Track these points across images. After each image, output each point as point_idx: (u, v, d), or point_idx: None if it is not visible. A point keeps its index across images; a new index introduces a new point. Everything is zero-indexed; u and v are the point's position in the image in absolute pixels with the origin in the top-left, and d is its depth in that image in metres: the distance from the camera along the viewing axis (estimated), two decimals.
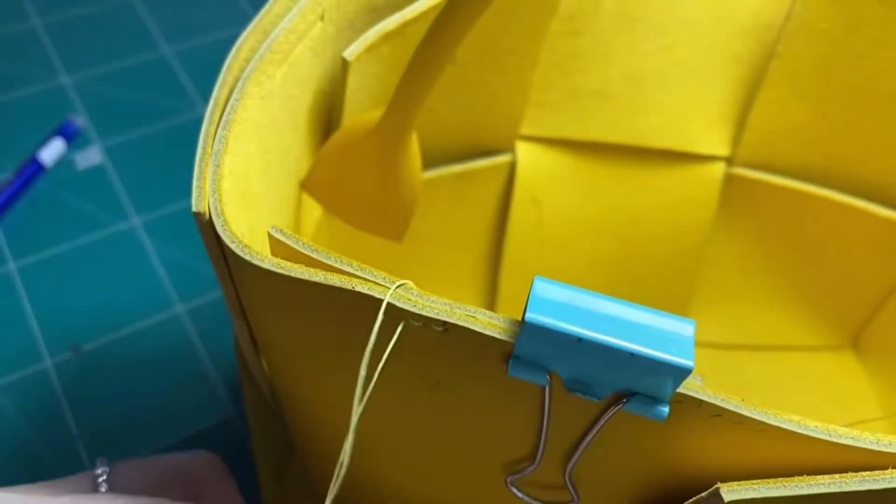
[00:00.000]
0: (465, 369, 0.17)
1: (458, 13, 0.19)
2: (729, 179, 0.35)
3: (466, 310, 0.16)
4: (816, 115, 0.33)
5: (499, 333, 0.15)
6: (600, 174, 0.35)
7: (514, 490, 0.19)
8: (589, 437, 0.17)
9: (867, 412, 0.36)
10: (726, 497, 0.15)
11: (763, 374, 0.38)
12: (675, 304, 0.38)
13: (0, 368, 0.37)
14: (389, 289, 0.16)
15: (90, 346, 0.38)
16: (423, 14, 0.26)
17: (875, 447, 0.16)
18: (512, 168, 0.35)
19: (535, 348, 0.15)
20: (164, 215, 0.43)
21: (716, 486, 0.16)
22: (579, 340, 0.14)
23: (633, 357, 0.14)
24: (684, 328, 0.14)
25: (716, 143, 0.35)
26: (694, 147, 0.35)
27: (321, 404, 0.21)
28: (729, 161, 0.35)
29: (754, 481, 0.16)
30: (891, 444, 0.16)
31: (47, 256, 0.41)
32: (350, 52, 0.24)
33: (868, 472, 0.16)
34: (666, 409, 0.15)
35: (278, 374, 0.22)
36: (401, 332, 0.16)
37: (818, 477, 0.16)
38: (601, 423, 0.16)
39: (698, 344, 0.38)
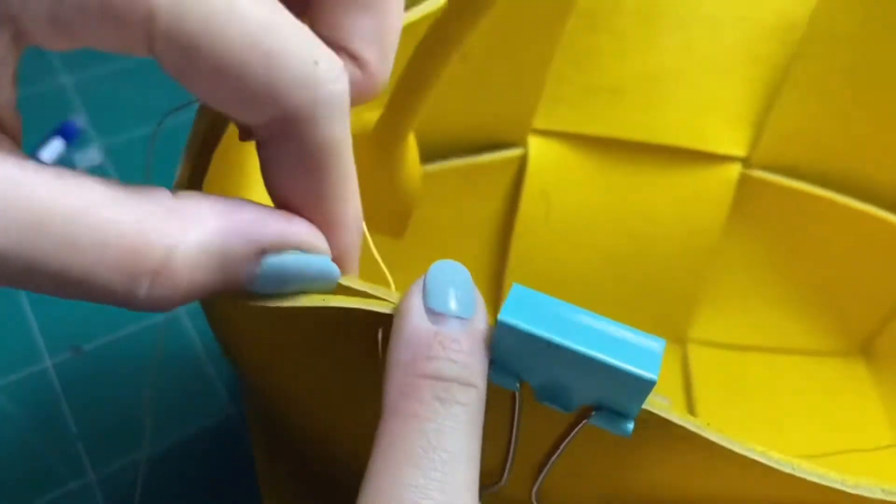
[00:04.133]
0: None
1: (456, 20, 0.19)
2: (744, 181, 0.35)
3: None
4: (838, 119, 0.33)
5: None
6: (612, 170, 0.35)
7: None
8: (557, 453, 0.17)
9: (872, 420, 0.36)
10: None
11: (769, 376, 0.37)
12: (683, 302, 0.37)
13: (0, 368, 0.37)
14: (376, 298, 0.16)
15: (90, 346, 0.38)
16: (427, 17, 0.25)
17: (839, 486, 0.15)
18: (523, 161, 0.34)
19: (507, 353, 0.15)
20: None
21: None
22: (549, 345, 0.14)
23: (599, 365, 0.14)
24: (654, 345, 0.15)
25: (733, 143, 0.34)
26: (709, 146, 0.34)
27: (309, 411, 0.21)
28: (745, 162, 0.35)
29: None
30: (856, 486, 0.15)
31: None
32: None
33: None
34: (630, 426, 0.15)
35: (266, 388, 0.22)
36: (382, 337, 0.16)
37: None
38: (569, 437, 0.16)
39: (704, 343, 0.38)
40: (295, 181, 0.16)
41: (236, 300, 0.16)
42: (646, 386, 0.14)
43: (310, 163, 0.15)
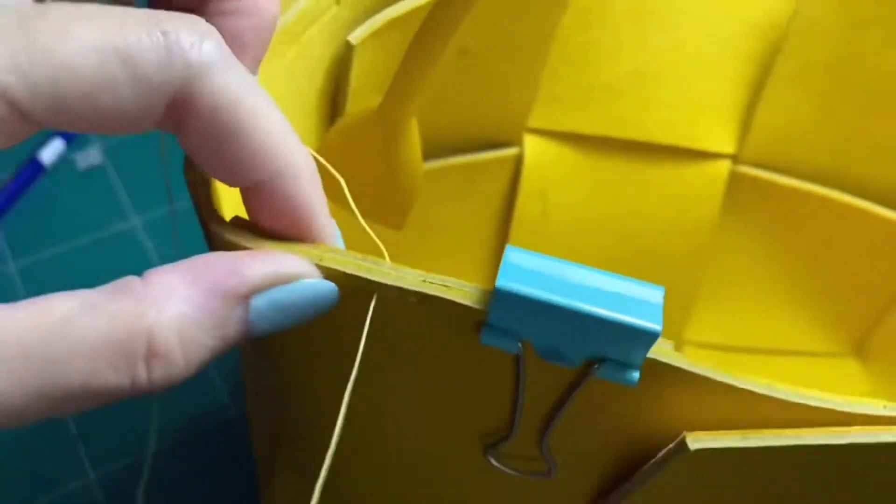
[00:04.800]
0: (439, 341, 0.17)
1: (451, 3, 0.19)
2: (734, 177, 0.35)
3: (440, 280, 0.16)
4: (823, 114, 0.33)
5: (471, 302, 0.15)
6: (606, 169, 0.35)
7: (493, 461, 0.19)
8: (563, 407, 0.17)
9: None
10: (692, 446, 0.16)
11: (764, 378, 0.38)
12: (678, 303, 0.37)
13: None
14: (360, 263, 0.16)
15: None
16: (432, 2, 0.26)
17: (843, 408, 0.16)
18: (519, 161, 0.34)
19: (506, 316, 0.15)
20: (164, 215, 0.43)
21: (681, 435, 0.16)
22: (549, 307, 0.14)
23: (602, 322, 0.14)
24: (653, 294, 0.15)
25: (722, 140, 0.35)
26: (700, 144, 0.35)
27: (298, 385, 0.21)
28: (734, 159, 0.35)
29: (720, 432, 0.16)
30: (860, 405, 0.16)
31: (47, 256, 0.41)
32: (355, 36, 0.24)
33: (834, 428, 0.16)
34: (636, 374, 0.15)
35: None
36: (374, 306, 0.16)
37: (784, 430, 0.16)
38: (575, 391, 0.16)
39: (700, 345, 0.38)
40: (222, 152, 0.15)
41: None
42: (650, 337, 0.14)
43: (223, 124, 0.15)
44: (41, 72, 0.13)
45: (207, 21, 0.15)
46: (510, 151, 0.34)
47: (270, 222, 0.16)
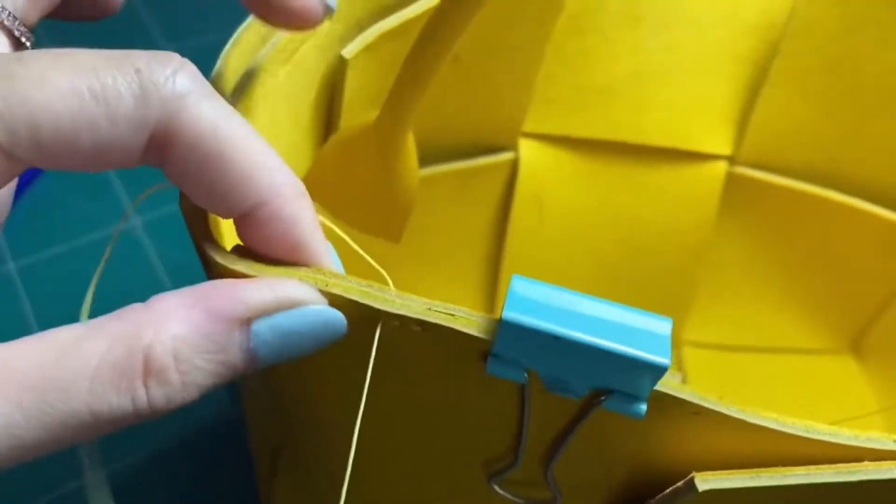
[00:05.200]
0: (444, 369, 0.17)
1: (452, 12, 0.19)
2: (731, 179, 0.35)
3: (445, 308, 0.16)
4: (820, 115, 0.33)
5: (477, 331, 0.15)
6: (603, 173, 0.35)
7: (497, 489, 0.19)
8: (569, 438, 0.17)
9: (865, 411, 0.36)
10: (700, 486, 0.16)
11: (763, 376, 0.38)
12: (676, 304, 0.38)
13: None
14: (361, 289, 0.16)
15: None
16: (423, 14, 0.25)
17: (852, 442, 0.16)
18: (514, 166, 0.34)
19: (513, 346, 0.15)
20: (164, 215, 0.43)
21: (691, 475, 0.16)
22: (556, 339, 0.14)
23: (610, 355, 0.14)
24: (661, 326, 0.15)
25: (718, 141, 0.35)
26: (696, 146, 0.35)
27: (305, 410, 0.21)
28: (731, 160, 0.35)
29: (729, 471, 0.16)
30: (868, 440, 0.16)
31: (47, 256, 0.41)
32: (349, 51, 0.24)
33: (843, 465, 0.16)
34: (644, 407, 0.15)
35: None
36: (380, 333, 0.16)
37: (793, 468, 0.16)
38: (581, 422, 0.16)
39: (698, 345, 0.38)
40: (207, 182, 0.15)
41: None
42: (658, 371, 0.14)
43: (204, 154, 0.15)
44: (21, 115, 0.14)
45: None
46: (506, 156, 0.34)
47: (266, 250, 0.16)
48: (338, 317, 0.16)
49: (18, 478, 0.34)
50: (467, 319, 0.15)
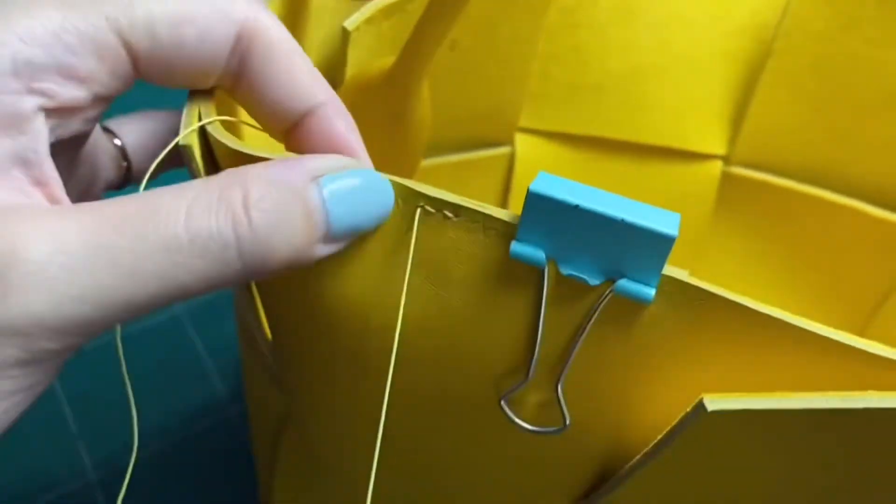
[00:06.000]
0: (471, 260, 0.17)
1: None
2: (726, 178, 0.36)
3: (476, 203, 0.17)
4: (812, 114, 0.34)
5: (505, 217, 0.16)
6: (598, 170, 0.36)
7: (508, 411, 0.19)
8: (581, 337, 0.17)
9: None
10: (710, 407, 0.15)
11: None
12: None
13: None
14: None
15: (90, 346, 0.38)
16: None
17: (886, 354, 0.15)
18: (511, 159, 0.35)
19: (535, 226, 0.16)
20: None
21: (700, 397, 0.16)
22: (576, 211, 0.15)
23: (623, 227, 0.15)
24: (672, 214, 0.16)
25: (713, 141, 0.35)
26: (691, 145, 0.35)
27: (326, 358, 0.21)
28: (726, 160, 0.35)
29: (741, 393, 0.16)
30: (877, 347, 0.15)
31: None
32: (350, 22, 0.25)
33: (875, 392, 0.15)
34: (652, 291, 0.16)
35: (282, 333, 0.22)
36: (418, 221, 0.17)
37: (802, 393, 0.15)
38: (593, 315, 0.17)
39: None
40: (280, 81, 0.18)
41: None
42: (666, 243, 0.15)
43: (280, 55, 0.17)
44: (141, 8, 0.16)
45: None
46: (502, 150, 0.34)
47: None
48: (387, 185, 0.17)
49: (19, 477, 0.34)
50: (496, 208, 0.17)
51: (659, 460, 0.17)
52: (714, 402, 0.15)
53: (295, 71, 0.18)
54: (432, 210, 0.17)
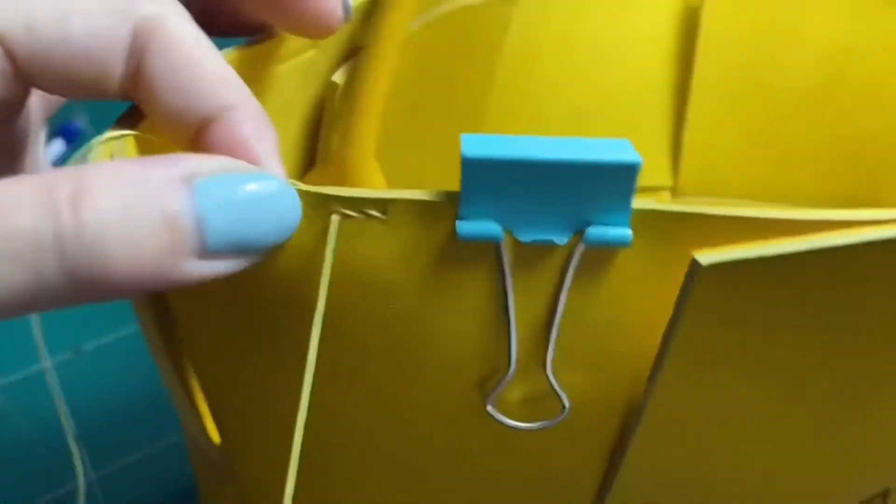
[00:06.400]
0: (410, 260, 0.15)
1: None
2: None
3: (400, 192, 0.15)
4: (745, 128, 0.35)
5: (439, 197, 0.14)
6: None
7: (496, 414, 0.17)
8: (559, 306, 0.15)
9: None
10: (703, 261, 0.14)
11: None
12: None
13: (0, 368, 0.37)
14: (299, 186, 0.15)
15: (90, 346, 0.38)
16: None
17: (854, 217, 0.14)
18: None
19: (480, 195, 0.14)
20: None
21: (692, 257, 0.14)
22: (521, 166, 0.13)
23: (578, 169, 0.13)
24: (622, 142, 0.14)
25: (658, 172, 0.36)
26: (639, 180, 0.35)
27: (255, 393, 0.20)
28: (673, 191, 0.37)
29: (734, 245, 0.15)
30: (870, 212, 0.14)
31: None
32: (338, 76, 0.25)
33: (868, 226, 0.14)
34: (628, 231, 0.14)
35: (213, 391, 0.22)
36: (338, 229, 0.15)
37: (805, 236, 0.14)
38: (566, 278, 0.15)
39: None
40: (182, 83, 0.16)
41: None
42: (630, 173, 0.14)
43: (183, 54, 0.16)
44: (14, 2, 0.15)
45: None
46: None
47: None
48: (291, 192, 0.15)
49: (18, 477, 0.34)
50: (426, 191, 0.14)
51: (669, 357, 0.16)
52: (706, 257, 0.14)
53: (197, 72, 0.15)
54: (353, 213, 0.15)
